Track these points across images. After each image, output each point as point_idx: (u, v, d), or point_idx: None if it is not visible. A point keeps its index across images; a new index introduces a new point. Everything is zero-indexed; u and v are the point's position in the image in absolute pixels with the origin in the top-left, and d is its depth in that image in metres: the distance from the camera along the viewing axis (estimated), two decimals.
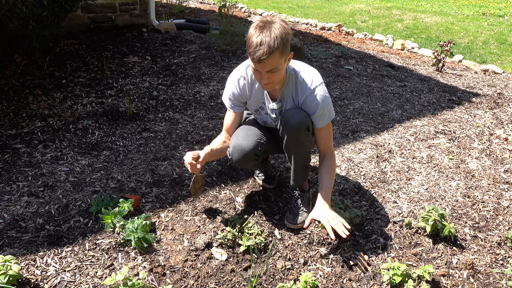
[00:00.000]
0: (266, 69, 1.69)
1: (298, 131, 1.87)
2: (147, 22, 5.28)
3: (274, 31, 1.63)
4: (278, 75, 1.75)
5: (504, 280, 1.84)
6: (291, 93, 1.92)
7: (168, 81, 3.88)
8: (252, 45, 1.65)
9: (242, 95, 2.00)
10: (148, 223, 1.96)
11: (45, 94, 3.36)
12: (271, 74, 1.72)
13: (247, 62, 1.94)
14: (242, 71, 1.97)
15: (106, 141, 2.80)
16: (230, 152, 2.01)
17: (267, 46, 1.61)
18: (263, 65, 1.67)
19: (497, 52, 6.32)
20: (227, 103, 2.06)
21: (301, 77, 1.90)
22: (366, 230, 2.10)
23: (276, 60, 1.67)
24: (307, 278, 1.69)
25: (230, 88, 2.01)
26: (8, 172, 2.37)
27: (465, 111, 3.79)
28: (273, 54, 1.63)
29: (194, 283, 1.72)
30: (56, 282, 1.68)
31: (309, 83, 1.89)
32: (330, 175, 1.98)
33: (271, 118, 2.07)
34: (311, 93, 1.88)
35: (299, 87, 1.90)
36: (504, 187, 2.57)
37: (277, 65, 1.69)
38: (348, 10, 9.24)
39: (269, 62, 1.66)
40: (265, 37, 1.62)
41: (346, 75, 4.55)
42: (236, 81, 1.98)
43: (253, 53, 1.64)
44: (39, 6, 3.20)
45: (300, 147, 1.95)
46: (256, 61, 1.66)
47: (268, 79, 1.73)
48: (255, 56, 1.64)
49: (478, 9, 9.77)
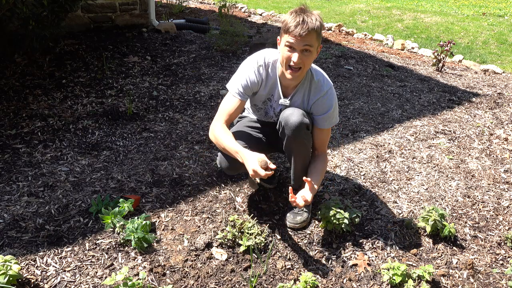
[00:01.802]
0: (304, 44, 1.72)
1: (299, 130, 1.87)
2: (147, 22, 5.28)
3: (314, 14, 1.74)
4: (310, 59, 1.78)
5: (504, 280, 1.84)
6: (305, 92, 1.94)
7: (168, 81, 3.88)
8: (292, 21, 1.71)
9: (258, 84, 1.94)
10: (148, 223, 1.96)
11: (45, 94, 3.36)
12: (304, 56, 1.75)
13: (263, 52, 1.93)
14: (261, 59, 1.91)
15: (106, 141, 2.80)
16: (218, 161, 2.03)
17: (309, 23, 1.69)
18: (302, 40, 1.70)
19: (497, 52, 6.32)
20: (237, 89, 1.91)
21: (316, 78, 1.92)
22: (366, 230, 2.10)
23: (314, 39, 1.73)
24: (307, 278, 1.69)
25: (247, 75, 1.90)
26: (8, 172, 2.37)
27: (465, 111, 3.79)
28: (313, 32, 1.71)
29: (194, 283, 1.72)
30: (56, 282, 1.68)
31: (323, 85, 1.92)
32: (320, 172, 1.97)
33: (273, 112, 2.05)
34: (324, 94, 1.91)
35: (313, 87, 1.92)
36: (504, 187, 2.57)
37: (313, 44, 1.74)
38: (348, 10, 9.23)
39: (308, 38, 1.71)
40: (307, 17, 1.71)
41: (346, 75, 4.55)
42: (256, 69, 1.90)
43: (294, 27, 1.70)
44: (39, 6, 3.19)
45: (300, 146, 1.95)
46: (297, 35, 1.69)
47: (300, 59, 1.74)
48: (296, 29, 1.69)
49: (478, 9, 9.76)
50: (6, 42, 3.53)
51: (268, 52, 1.94)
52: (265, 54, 1.93)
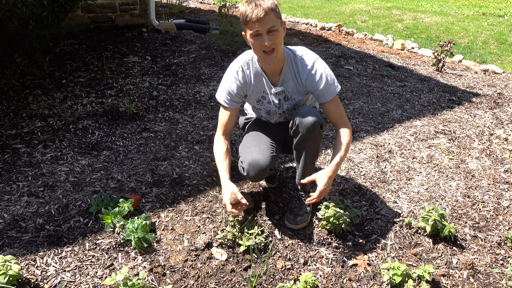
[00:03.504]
0: (267, 26, 1.73)
1: (313, 128, 1.87)
2: (147, 22, 5.28)
3: None
4: (279, 37, 1.79)
5: (504, 280, 1.84)
6: (293, 72, 1.93)
7: (168, 81, 3.88)
8: (246, 11, 1.73)
9: (242, 87, 1.99)
10: (148, 223, 1.96)
11: (45, 94, 3.36)
12: (272, 36, 1.76)
13: (240, 56, 1.97)
14: (238, 63, 1.98)
15: (106, 141, 2.80)
16: (245, 169, 1.96)
17: (262, 5, 1.71)
18: (262, 23, 1.71)
19: (497, 52, 6.32)
20: (223, 100, 2.01)
21: (298, 55, 1.92)
22: (366, 230, 2.10)
23: (273, 17, 1.74)
24: (307, 278, 1.69)
25: (228, 83, 1.99)
26: (8, 172, 2.37)
27: (465, 111, 3.79)
28: (270, 12, 1.72)
29: (194, 283, 1.72)
30: (56, 282, 1.68)
31: (307, 58, 1.92)
32: (343, 148, 1.92)
33: (274, 106, 2.05)
34: (312, 67, 1.90)
35: (299, 64, 1.92)
36: (504, 187, 2.57)
37: (275, 24, 1.75)
38: (348, 10, 9.23)
39: (268, 18, 1.72)
40: (258, 1, 1.72)
41: (346, 75, 4.55)
42: (235, 73, 1.97)
43: (250, 15, 1.71)
44: (39, 6, 3.20)
45: (313, 145, 1.96)
46: (255, 20, 1.71)
47: (270, 41, 1.75)
48: (252, 16, 1.71)
49: (478, 9, 9.76)
50: (6, 42, 3.53)
51: (244, 54, 1.99)
52: (241, 57, 1.98)
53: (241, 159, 2.01)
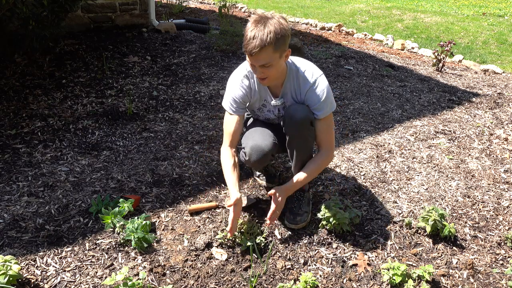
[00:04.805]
0: (259, 63, 1.71)
1: (302, 125, 1.88)
2: (147, 22, 5.27)
3: (269, 26, 1.66)
4: (273, 71, 1.76)
5: (504, 280, 1.84)
6: (294, 87, 1.93)
7: (168, 81, 3.88)
8: (246, 38, 1.68)
9: (248, 94, 1.98)
10: (148, 223, 1.96)
11: (45, 94, 3.36)
12: (265, 69, 1.74)
13: (245, 64, 1.96)
14: (243, 70, 1.97)
15: (106, 141, 2.80)
16: (247, 153, 1.98)
17: (259, 39, 1.64)
18: (255, 59, 1.70)
19: (497, 52, 6.32)
20: (230, 107, 1.98)
21: (301, 71, 1.91)
22: (366, 230, 2.10)
23: (268, 55, 1.68)
24: (307, 278, 1.69)
25: (234, 90, 1.97)
26: (8, 172, 2.37)
27: (465, 111, 3.79)
28: (265, 49, 1.65)
29: (194, 283, 1.72)
30: (56, 282, 1.68)
31: (310, 75, 1.90)
32: (312, 168, 1.98)
33: (274, 115, 2.07)
34: (313, 84, 1.89)
35: (301, 80, 1.91)
36: (504, 187, 2.57)
37: (270, 61, 1.71)
38: (348, 10, 9.23)
39: (261, 56, 1.68)
40: (258, 32, 1.65)
41: (346, 75, 4.55)
42: (240, 81, 1.96)
43: (246, 46, 1.68)
44: (39, 6, 3.19)
45: (303, 142, 1.95)
46: (249, 54, 1.70)
47: (262, 73, 1.76)
48: (247, 49, 1.68)
49: (478, 9, 9.76)
50: (6, 42, 3.53)
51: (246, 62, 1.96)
52: (244, 65, 1.96)
53: (243, 146, 2.04)
